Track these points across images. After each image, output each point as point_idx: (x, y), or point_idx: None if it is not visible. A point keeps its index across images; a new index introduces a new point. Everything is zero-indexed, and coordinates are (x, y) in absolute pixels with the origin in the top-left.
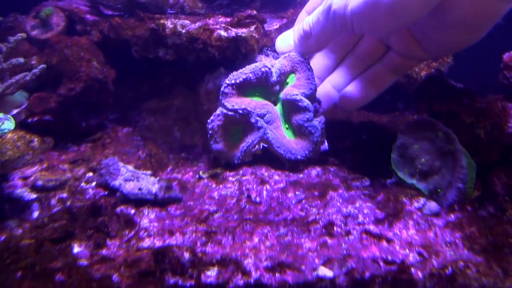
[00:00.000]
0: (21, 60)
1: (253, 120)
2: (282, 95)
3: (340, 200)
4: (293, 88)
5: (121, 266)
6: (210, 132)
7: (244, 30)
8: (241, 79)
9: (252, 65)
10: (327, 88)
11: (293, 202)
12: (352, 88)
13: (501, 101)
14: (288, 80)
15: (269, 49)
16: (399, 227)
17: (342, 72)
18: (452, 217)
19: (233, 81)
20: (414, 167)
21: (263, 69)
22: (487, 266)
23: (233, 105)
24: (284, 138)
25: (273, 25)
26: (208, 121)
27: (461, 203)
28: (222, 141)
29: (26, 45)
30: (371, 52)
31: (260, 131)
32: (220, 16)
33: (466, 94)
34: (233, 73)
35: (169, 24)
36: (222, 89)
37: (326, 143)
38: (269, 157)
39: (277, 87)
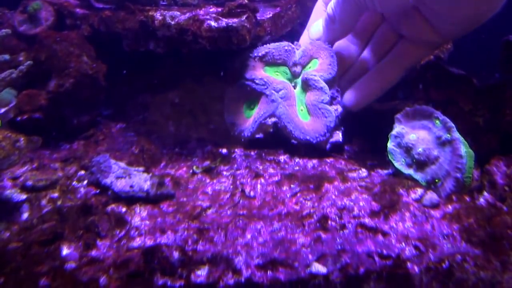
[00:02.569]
0: (7, 57)
1: (268, 92)
2: (301, 76)
3: (336, 193)
4: (313, 71)
5: (110, 267)
6: (226, 102)
7: (235, 20)
8: (263, 52)
9: (277, 43)
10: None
11: (288, 195)
12: (355, 87)
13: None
14: (310, 65)
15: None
16: (395, 220)
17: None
18: (449, 208)
19: (255, 54)
20: (411, 157)
21: (286, 47)
22: (485, 259)
23: (251, 75)
24: (296, 117)
25: (266, 14)
26: (226, 91)
27: (459, 194)
28: (237, 113)
29: (15, 41)
30: (384, 43)
31: (273, 104)
32: (211, 6)
33: (464, 81)
34: (257, 48)
35: (158, 16)
36: (245, 62)
37: (340, 135)
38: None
39: (298, 69)
